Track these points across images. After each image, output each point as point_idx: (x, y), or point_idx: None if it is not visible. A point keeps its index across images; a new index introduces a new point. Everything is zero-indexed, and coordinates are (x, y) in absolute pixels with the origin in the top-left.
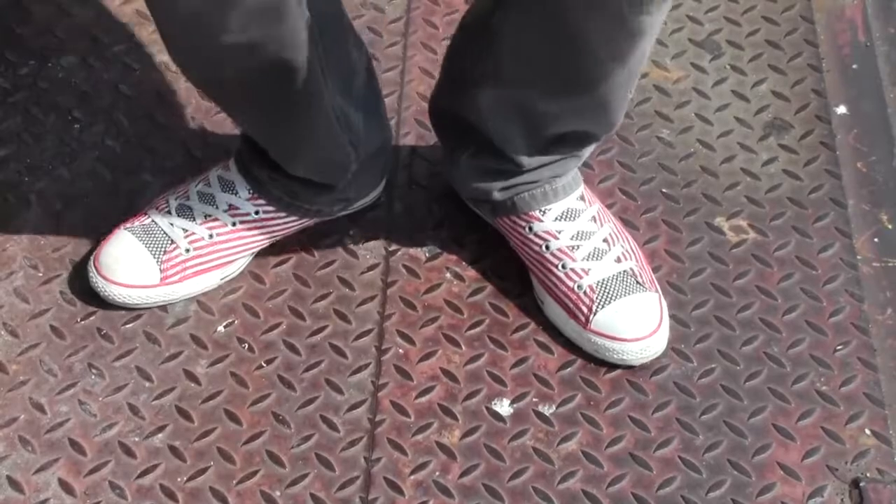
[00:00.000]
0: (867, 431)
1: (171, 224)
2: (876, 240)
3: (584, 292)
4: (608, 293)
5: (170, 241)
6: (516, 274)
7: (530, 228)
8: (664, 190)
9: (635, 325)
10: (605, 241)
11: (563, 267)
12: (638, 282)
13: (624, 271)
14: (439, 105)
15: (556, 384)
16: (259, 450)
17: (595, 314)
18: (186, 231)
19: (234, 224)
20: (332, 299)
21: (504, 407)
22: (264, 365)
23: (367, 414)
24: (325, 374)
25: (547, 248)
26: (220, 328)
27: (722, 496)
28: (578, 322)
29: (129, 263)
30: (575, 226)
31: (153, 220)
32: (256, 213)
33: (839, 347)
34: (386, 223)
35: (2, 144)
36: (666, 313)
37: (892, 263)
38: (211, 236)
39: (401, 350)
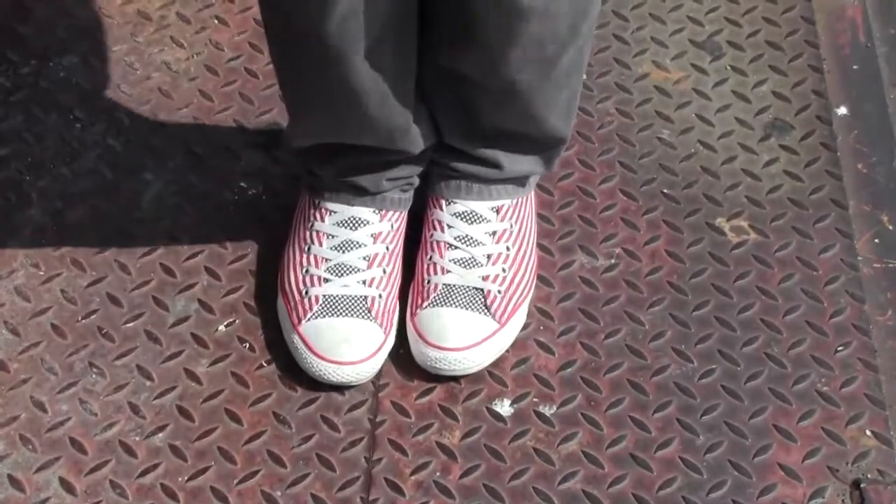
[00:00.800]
0: (868, 432)
1: (345, 286)
2: (877, 241)
3: (429, 287)
4: (447, 298)
5: (363, 299)
6: None
7: (432, 212)
8: (665, 190)
9: (447, 334)
10: (487, 256)
11: (430, 259)
12: (486, 304)
13: (479, 289)
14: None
15: (556, 384)
16: (260, 450)
17: (423, 309)
18: (365, 281)
19: (387, 248)
20: None
21: (504, 407)
22: (265, 364)
23: (367, 414)
24: None
25: (432, 235)
26: (221, 327)
27: (722, 497)
28: (410, 311)
29: (356, 339)
30: (467, 229)
31: (325, 295)
32: (392, 226)
33: (840, 348)
34: None
35: (3, 143)
36: (496, 344)
37: (892, 264)
38: (384, 271)
39: (401, 350)
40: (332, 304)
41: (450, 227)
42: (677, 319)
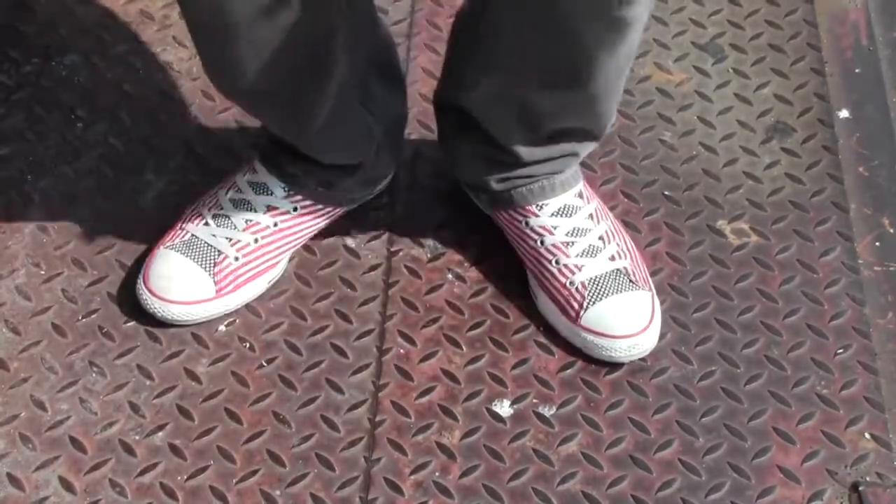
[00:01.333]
0: (867, 435)
1: (214, 235)
2: (877, 244)
3: (577, 288)
4: (600, 290)
5: (217, 252)
6: (518, 275)
7: (527, 223)
8: (666, 192)
9: (625, 322)
10: (600, 238)
11: (557, 262)
12: (631, 280)
13: (617, 269)
14: (441, 97)
15: (556, 385)
16: (259, 449)
17: (586, 310)
18: (231, 239)
19: (275, 225)
20: (333, 299)
21: (504, 408)
22: (265, 364)
23: (367, 414)
24: (326, 374)
25: (542, 243)
26: (222, 327)
27: (721, 499)
28: (569, 317)
29: (183, 280)
30: (571, 222)
31: (193, 235)
32: (295, 209)
33: (840, 351)
34: (388, 223)
35: (5, 142)
36: (658, 312)
37: (893, 267)
38: (256, 240)
39: (402, 350)
40: (190, 243)
41: (555, 227)
42: (677, 321)
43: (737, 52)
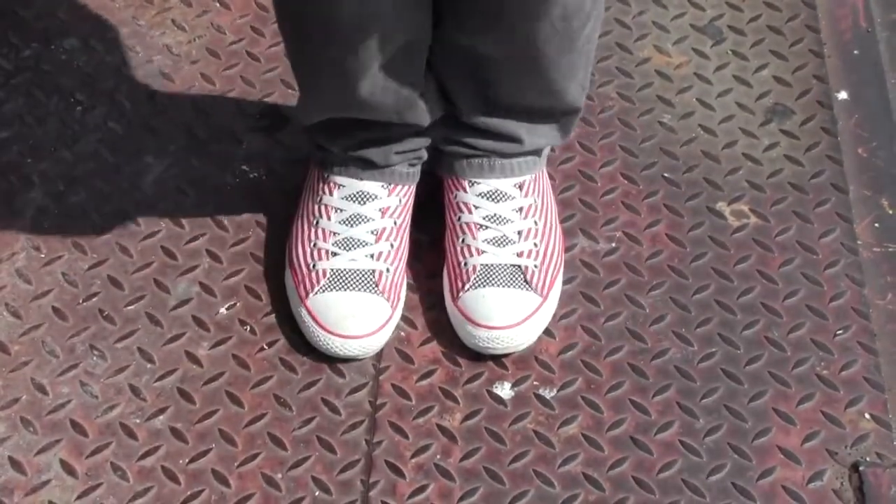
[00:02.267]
0: (867, 416)
1: (353, 260)
2: (876, 225)
3: (467, 270)
4: (488, 278)
5: (371, 273)
6: None
7: (455, 195)
8: (666, 174)
9: (494, 313)
10: (518, 232)
11: (463, 241)
12: (526, 279)
13: (517, 266)
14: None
15: (557, 368)
16: (261, 432)
17: (466, 291)
18: (373, 255)
19: (395, 223)
20: None
21: (505, 390)
22: (266, 347)
23: (368, 397)
24: (327, 358)
25: (459, 219)
26: (223, 310)
27: (722, 480)
28: (451, 295)
29: (363, 313)
30: (494, 208)
31: (333, 269)
32: (399, 201)
33: (839, 332)
34: None
35: (4, 126)
36: (542, 319)
37: (892, 248)
38: (392, 245)
39: (402, 333)
40: (339, 277)
41: (476, 207)
42: (678, 303)
43: (735, 35)
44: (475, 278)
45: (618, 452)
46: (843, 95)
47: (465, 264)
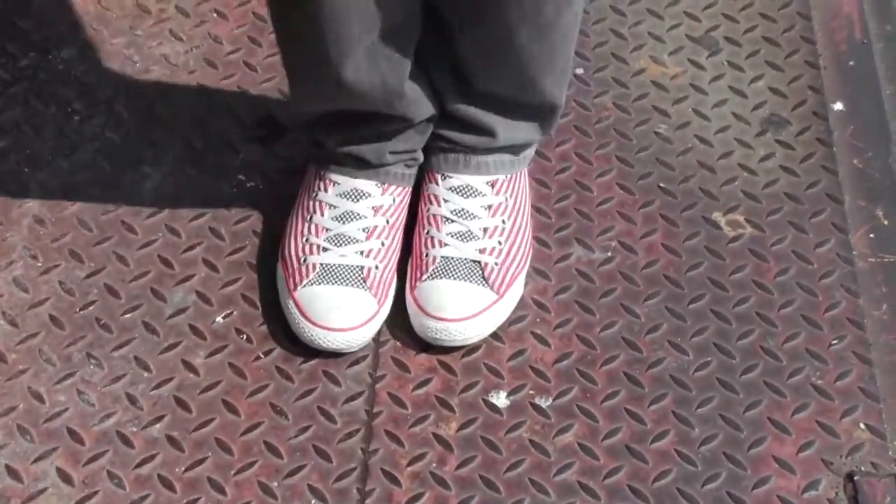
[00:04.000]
0: (862, 425)
1: (343, 255)
2: (872, 235)
3: (427, 261)
4: (446, 270)
5: (360, 269)
6: None
7: (428, 187)
8: (661, 185)
9: (445, 304)
10: (483, 229)
11: (428, 233)
12: (484, 276)
13: (476, 261)
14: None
15: (552, 377)
16: (257, 440)
17: (422, 281)
18: (363, 252)
19: (387, 222)
20: None
21: (501, 399)
22: (262, 356)
23: (364, 405)
24: (323, 366)
25: (428, 210)
26: (219, 319)
27: (717, 489)
28: (409, 284)
29: (348, 307)
30: (463, 203)
31: (322, 264)
32: (393, 200)
33: (834, 342)
34: None
35: (2, 135)
36: (496, 317)
37: (887, 259)
38: (383, 243)
39: (398, 342)
40: (328, 272)
41: (446, 200)
42: (673, 312)
43: (731, 46)
44: (433, 269)
45: (613, 461)
46: (838, 106)
47: (427, 255)
